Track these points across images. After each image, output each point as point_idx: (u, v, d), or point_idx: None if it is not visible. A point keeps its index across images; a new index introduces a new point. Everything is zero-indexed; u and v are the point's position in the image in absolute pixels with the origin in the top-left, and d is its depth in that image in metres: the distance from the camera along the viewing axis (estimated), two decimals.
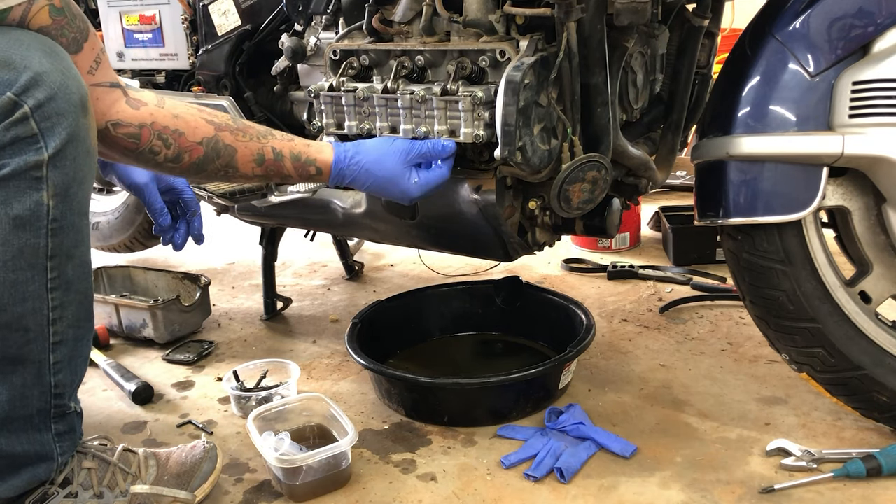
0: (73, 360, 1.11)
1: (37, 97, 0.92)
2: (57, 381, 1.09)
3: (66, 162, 0.97)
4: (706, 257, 2.17)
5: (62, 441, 1.14)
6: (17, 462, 1.11)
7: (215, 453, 1.30)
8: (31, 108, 0.91)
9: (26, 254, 0.98)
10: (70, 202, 1.00)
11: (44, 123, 0.93)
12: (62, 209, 0.99)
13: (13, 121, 0.91)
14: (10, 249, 0.97)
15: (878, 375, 1.27)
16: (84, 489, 1.17)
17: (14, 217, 0.95)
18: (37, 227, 0.97)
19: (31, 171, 0.94)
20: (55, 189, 0.97)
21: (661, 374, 1.61)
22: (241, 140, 1.17)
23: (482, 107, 1.22)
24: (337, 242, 2.23)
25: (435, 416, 1.47)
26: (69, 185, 0.98)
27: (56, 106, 0.93)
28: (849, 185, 1.27)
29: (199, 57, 1.65)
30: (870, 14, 1.17)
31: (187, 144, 1.12)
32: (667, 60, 1.44)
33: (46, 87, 0.92)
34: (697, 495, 1.23)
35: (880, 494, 1.20)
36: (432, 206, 1.40)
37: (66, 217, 1.00)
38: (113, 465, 1.21)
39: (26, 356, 1.05)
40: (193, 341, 1.87)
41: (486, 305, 1.79)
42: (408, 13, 1.30)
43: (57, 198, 0.98)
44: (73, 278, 1.05)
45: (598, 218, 1.42)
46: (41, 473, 1.13)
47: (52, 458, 1.14)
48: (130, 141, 1.09)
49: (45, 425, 1.12)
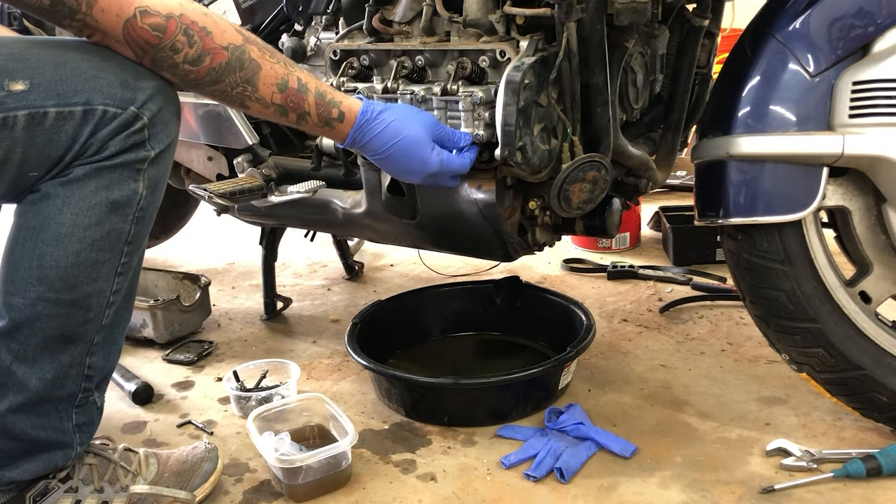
0: (108, 346, 1.15)
1: (151, 109, 1.05)
2: (91, 363, 1.13)
3: (162, 161, 1.09)
4: (706, 257, 2.17)
5: (81, 432, 1.17)
6: (37, 447, 1.13)
7: (216, 454, 1.30)
8: (147, 120, 1.05)
9: (112, 237, 1.07)
10: (156, 195, 1.11)
11: (152, 130, 1.06)
12: (149, 200, 1.09)
13: (133, 130, 1.04)
14: (100, 230, 1.06)
15: (878, 375, 1.27)
16: (85, 484, 1.19)
17: (113, 201, 1.05)
18: (127, 213, 1.07)
19: (136, 164, 1.06)
20: (149, 182, 1.08)
21: (661, 374, 1.61)
22: (269, 59, 1.10)
23: (482, 107, 1.22)
24: (337, 242, 2.23)
25: (435, 416, 1.47)
26: (159, 180, 1.10)
27: (163, 116, 1.07)
28: (849, 185, 1.27)
29: None
30: (870, 14, 1.17)
31: (212, 46, 1.05)
32: (667, 60, 1.44)
33: (158, 101, 1.06)
34: (697, 495, 1.23)
35: (880, 494, 1.20)
36: (432, 206, 1.40)
37: (150, 208, 1.10)
38: (114, 463, 1.22)
39: (80, 336, 1.10)
40: (193, 341, 1.87)
41: (486, 305, 1.79)
42: (408, 13, 1.30)
43: (149, 189, 1.08)
44: (135, 266, 1.14)
45: (598, 218, 1.42)
46: (57, 460, 1.15)
47: (70, 446, 1.16)
48: (154, 34, 1.01)
49: (68, 413, 1.15)
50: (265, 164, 1.60)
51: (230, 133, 1.61)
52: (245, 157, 1.62)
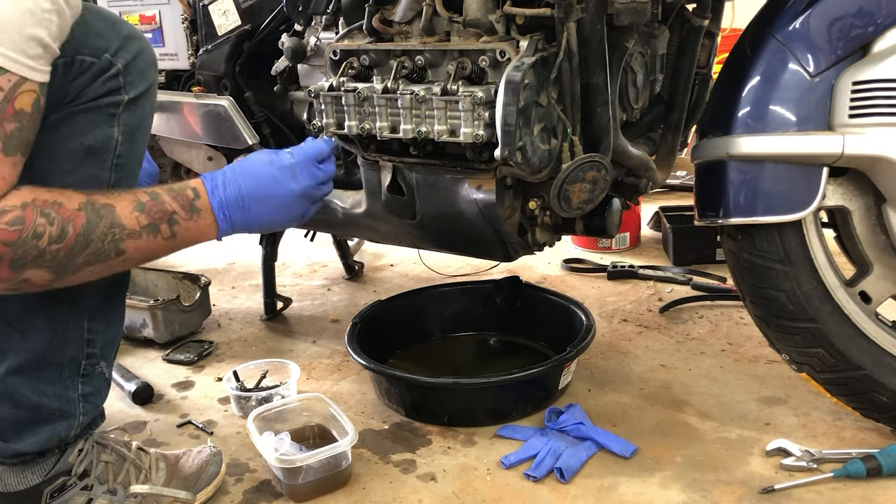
0: (107, 309, 1.16)
1: (125, 57, 1.07)
2: (91, 328, 1.14)
3: (137, 108, 1.09)
4: (706, 257, 2.17)
5: (87, 402, 1.17)
6: (40, 415, 1.13)
7: (220, 458, 1.32)
8: (122, 66, 1.06)
9: (91, 183, 1.07)
10: (133, 144, 1.11)
11: (127, 78, 1.07)
12: (127, 148, 1.10)
13: (108, 76, 1.05)
14: (77, 176, 1.06)
15: (878, 375, 1.27)
16: (100, 483, 1.20)
17: (87, 146, 1.06)
18: (104, 159, 1.08)
19: (108, 107, 1.06)
20: (125, 128, 1.08)
21: (661, 374, 1.61)
22: (113, 196, 1.06)
23: (482, 107, 1.22)
24: (337, 242, 2.23)
25: (435, 416, 1.47)
26: (136, 128, 1.10)
27: (138, 64, 1.08)
28: (849, 185, 1.27)
29: (199, 57, 1.65)
30: (870, 14, 1.17)
31: (68, 214, 0.99)
32: (667, 60, 1.44)
33: (132, 49, 1.08)
34: (697, 495, 1.23)
35: (880, 494, 1.20)
36: (432, 206, 1.40)
37: (129, 157, 1.11)
38: (129, 461, 1.23)
39: (73, 293, 1.09)
40: (193, 341, 1.88)
41: (486, 305, 1.79)
42: (408, 13, 1.30)
43: (125, 136, 1.09)
44: None
45: (598, 218, 1.41)
46: (61, 431, 1.15)
47: (74, 416, 1.16)
48: (13, 230, 0.95)
49: (73, 382, 1.15)
50: None
51: (230, 133, 1.61)
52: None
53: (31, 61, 0.95)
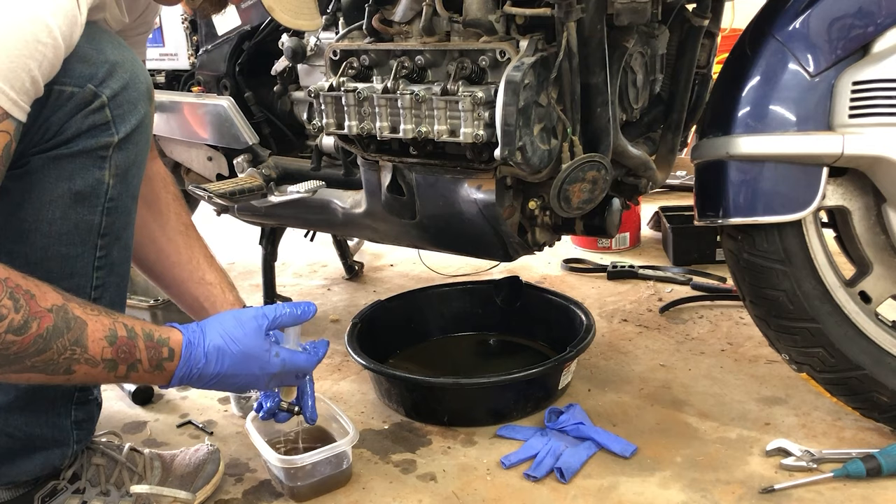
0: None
1: (112, 87, 0.97)
2: None
3: (130, 146, 1.01)
4: (706, 257, 2.17)
5: (80, 429, 1.15)
6: (33, 444, 1.11)
7: (218, 455, 1.31)
8: (107, 98, 0.97)
9: (81, 229, 1.02)
10: (127, 184, 1.04)
11: (117, 111, 0.98)
12: (119, 189, 1.03)
13: (91, 109, 0.96)
14: (66, 224, 1.00)
15: (878, 375, 1.27)
16: (92, 486, 1.18)
17: (76, 192, 0.99)
18: (94, 204, 1.01)
19: (98, 150, 0.98)
20: (116, 169, 1.01)
21: (661, 374, 1.61)
22: (91, 313, 0.96)
23: (482, 107, 1.22)
24: (337, 242, 2.23)
25: (435, 416, 1.47)
26: (129, 168, 1.03)
27: (128, 95, 0.99)
28: (849, 185, 1.27)
29: (199, 57, 1.65)
30: (870, 14, 1.17)
31: (37, 309, 0.90)
32: (667, 60, 1.44)
33: (120, 78, 0.98)
34: (697, 495, 1.23)
35: (880, 494, 1.20)
36: (432, 206, 1.40)
37: (122, 198, 1.04)
38: (121, 464, 1.22)
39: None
40: None
41: (486, 305, 1.79)
42: (408, 13, 1.30)
43: (117, 178, 1.02)
44: (117, 260, 1.08)
45: (598, 218, 1.42)
46: (54, 459, 1.14)
47: (67, 444, 1.14)
48: None
49: (66, 410, 1.13)
50: (265, 164, 1.60)
51: (230, 133, 1.61)
52: (245, 157, 1.62)
53: (14, 94, 0.85)
